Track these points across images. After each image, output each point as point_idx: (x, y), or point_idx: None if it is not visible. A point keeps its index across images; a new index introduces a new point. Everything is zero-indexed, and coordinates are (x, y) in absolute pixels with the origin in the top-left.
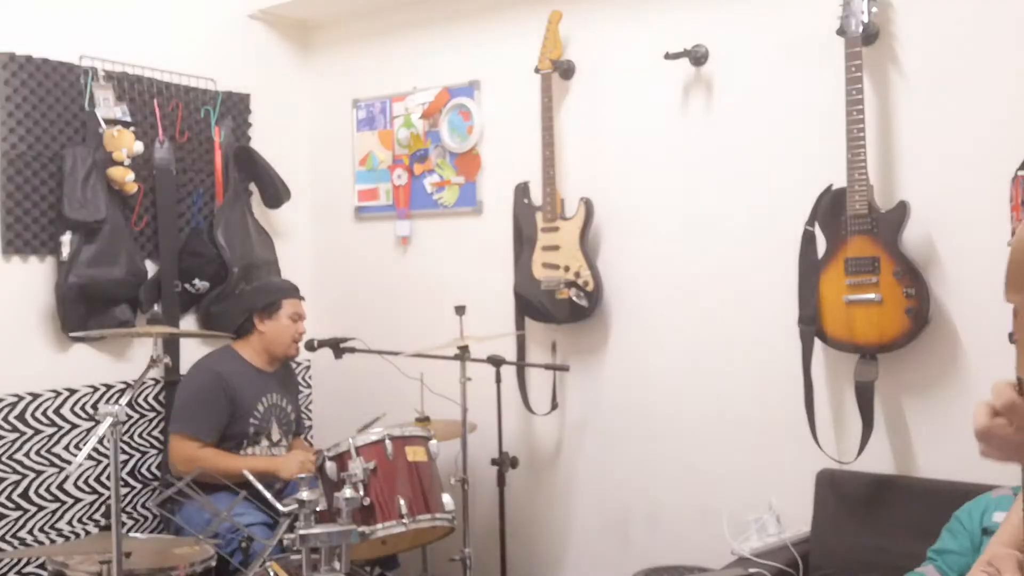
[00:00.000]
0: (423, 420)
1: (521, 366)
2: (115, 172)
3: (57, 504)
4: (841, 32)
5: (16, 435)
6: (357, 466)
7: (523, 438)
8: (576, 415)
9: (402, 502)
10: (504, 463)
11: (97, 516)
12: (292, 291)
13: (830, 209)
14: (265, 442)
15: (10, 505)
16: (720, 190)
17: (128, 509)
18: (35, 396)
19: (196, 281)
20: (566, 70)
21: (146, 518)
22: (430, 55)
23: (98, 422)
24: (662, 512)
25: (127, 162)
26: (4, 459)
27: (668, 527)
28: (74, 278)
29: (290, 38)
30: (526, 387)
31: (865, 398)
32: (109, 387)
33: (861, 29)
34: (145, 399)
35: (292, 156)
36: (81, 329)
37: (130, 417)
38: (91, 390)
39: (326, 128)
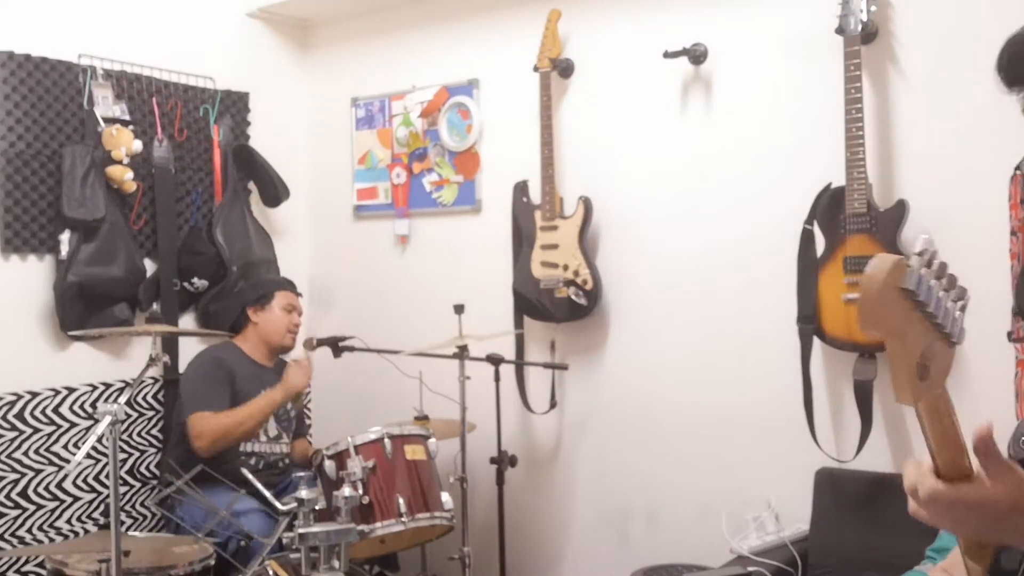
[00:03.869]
0: (422, 419)
1: (520, 365)
2: (114, 171)
3: (56, 503)
4: (840, 31)
5: (15, 434)
6: (356, 465)
7: (522, 437)
8: (575, 414)
9: (401, 501)
10: (503, 462)
11: (96, 515)
12: (285, 284)
13: (829, 208)
14: (263, 437)
15: (9, 504)
16: (719, 189)
17: (127, 508)
18: (34, 395)
19: (195, 280)
20: (565, 69)
21: (145, 517)
22: (429, 54)
23: (97, 421)
24: (661, 510)
25: (126, 161)
26: (3, 458)
27: (667, 525)
28: (73, 277)
29: (289, 37)
30: (525, 386)
31: (864, 396)
32: (108, 386)
33: (860, 28)
34: (144, 398)
35: (291, 155)
36: (80, 328)
37: (129, 416)
38: (90, 389)
39: (325, 127)
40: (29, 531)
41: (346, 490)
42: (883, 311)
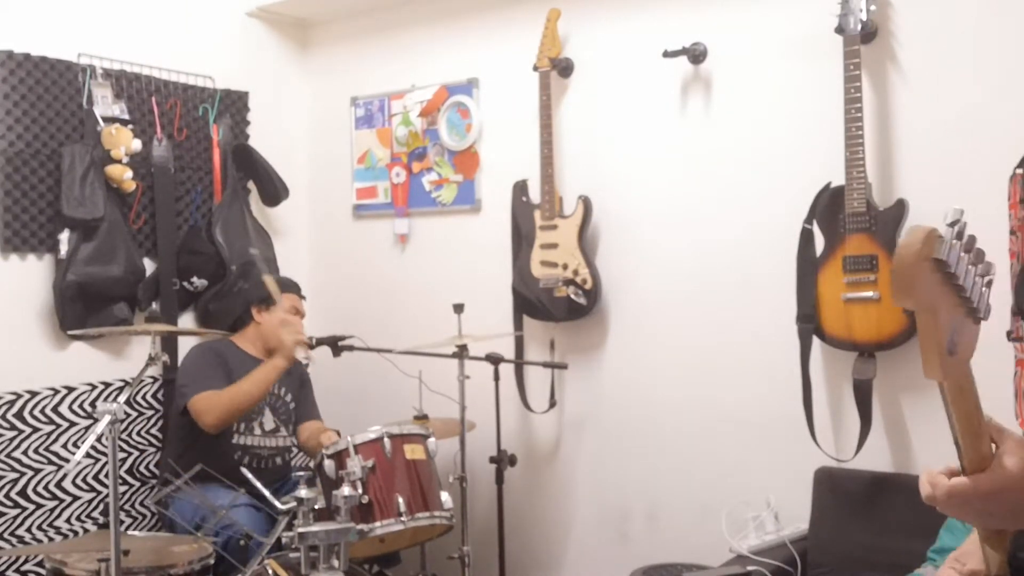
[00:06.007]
0: (421, 418)
1: (519, 364)
2: (113, 170)
3: (55, 502)
4: (840, 30)
5: (14, 433)
6: (355, 464)
7: (521, 436)
8: (574, 413)
9: (400, 500)
10: (502, 461)
11: (95, 514)
12: (291, 286)
13: (828, 207)
14: (257, 430)
15: (8, 503)
16: (718, 188)
17: (126, 507)
18: (33, 394)
19: (194, 279)
20: (564, 68)
21: (144, 516)
22: (428, 53)
23: (96, 420)
24: (660, 510)
25: (125, 160)
26: (2, 457)
27: (666, 525)
28: (72, 276)
29: (288, 36)
30: (524, 385)
31: (863, 396)
32: (107, 385)
33: (860, 27)
34: (143, 397)
35: (290, 154)
36: (79, 327)
37: (128, 415)
38: (89, 388)
39: (324, 126)
40: (28, 530)
41: (345, 489)
42: (916, 282)
